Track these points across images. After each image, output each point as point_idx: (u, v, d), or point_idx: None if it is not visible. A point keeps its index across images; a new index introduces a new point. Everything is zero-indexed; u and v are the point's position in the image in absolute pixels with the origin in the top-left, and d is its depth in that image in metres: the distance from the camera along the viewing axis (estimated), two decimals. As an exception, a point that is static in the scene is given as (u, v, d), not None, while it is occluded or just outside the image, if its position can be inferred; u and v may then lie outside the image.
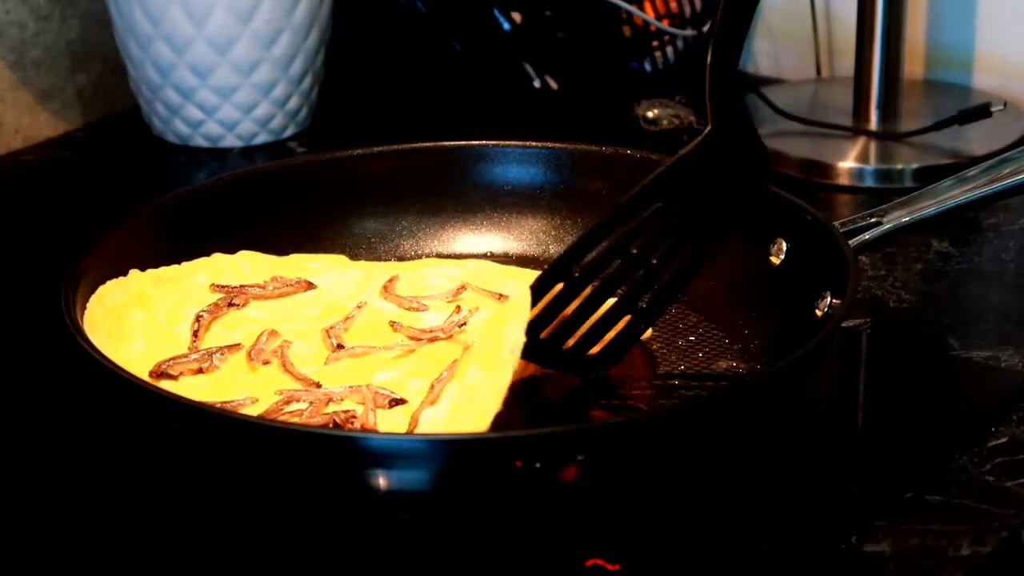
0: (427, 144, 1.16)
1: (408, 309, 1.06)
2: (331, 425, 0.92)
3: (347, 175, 1.15)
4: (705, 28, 1.48)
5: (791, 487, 0.93)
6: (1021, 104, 1.39)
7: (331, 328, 1.03)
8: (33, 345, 1.09)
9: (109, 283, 1.02)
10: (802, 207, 1.04)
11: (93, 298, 1.00)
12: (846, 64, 1.45)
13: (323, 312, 1.06)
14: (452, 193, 1.15)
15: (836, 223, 1.02)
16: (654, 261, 0.97)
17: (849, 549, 0.87)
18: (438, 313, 1.05)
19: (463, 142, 1.16)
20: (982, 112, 1.31)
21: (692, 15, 1.48)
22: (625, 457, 0.87)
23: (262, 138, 1.42)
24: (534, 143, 1.15)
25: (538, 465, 0.85)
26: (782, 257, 1.04)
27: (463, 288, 1.07)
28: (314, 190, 1.14)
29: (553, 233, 1.14)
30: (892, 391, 1.07)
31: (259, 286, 1.07)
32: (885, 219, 1.02)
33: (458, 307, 1.05)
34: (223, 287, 1.06)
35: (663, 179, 0.96)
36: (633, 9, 1.45)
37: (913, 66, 1.46)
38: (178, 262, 1.07)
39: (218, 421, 0.87)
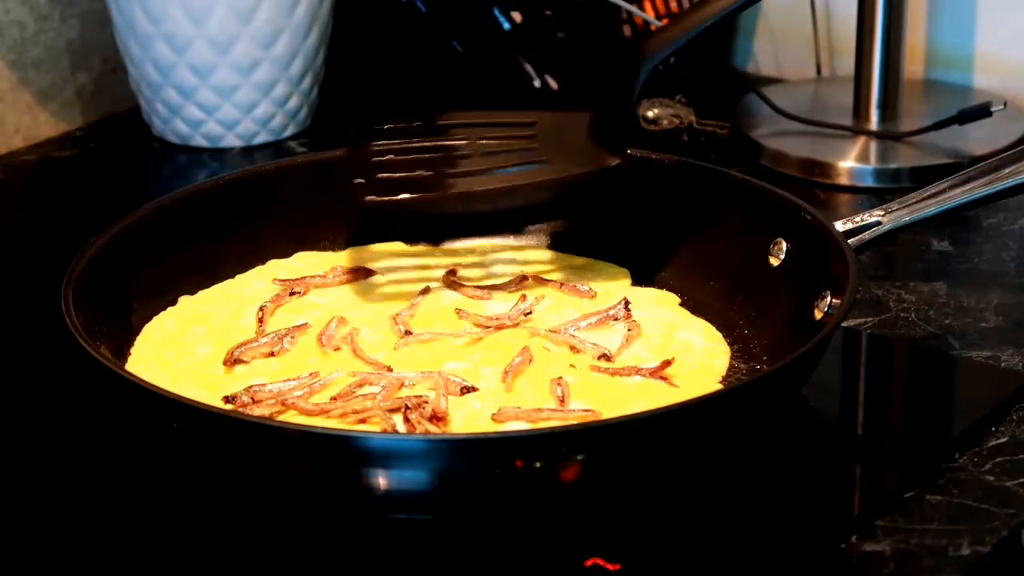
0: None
1: (472, 297, 1.06)
2: (403, 409, 0.93)
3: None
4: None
5: (791, 487, 0.93)
6: (1021, 104, 1.39)
7: (398, 315, 1.04)
8: (33, 345, 1.09)
9: (155, 319, 1.04)
10: (802, 207, 1.04)
11: (139, 338, 1.02)
12: (846, 64, 1.45)
13: (387, 303, 1.06)
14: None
15: (836, 223, 1.02)
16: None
17: (849, 549, 0.87)
18: (502, 301, 1.06)
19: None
20: (982, 112, 1.31)
21: (692, 15, 1.48)
22: (625, 457, 0.87)
23: (262, 138, 1.42)
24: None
25: (538, 465, 0.85)
26: (782, 257, 1.04)
27: (525, 278, 1.09)
28: (314, 190, 1.14)
29: (554, 232, 1.14)
30: (892, 391, 1.07)
31: (320, 276, 1.09)
32: (885, 219, 1.02)
33: (523, 296, 1.05)
34: (284, 280, 1.08)
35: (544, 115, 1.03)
36: (633, 9, 1.45)
37: (913, 66, 1.46)
38: (178, 262, 1.08)
39: (218, 421, 0.87)
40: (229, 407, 0.94)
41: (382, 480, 0.85)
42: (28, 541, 0.90)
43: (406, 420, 0.92)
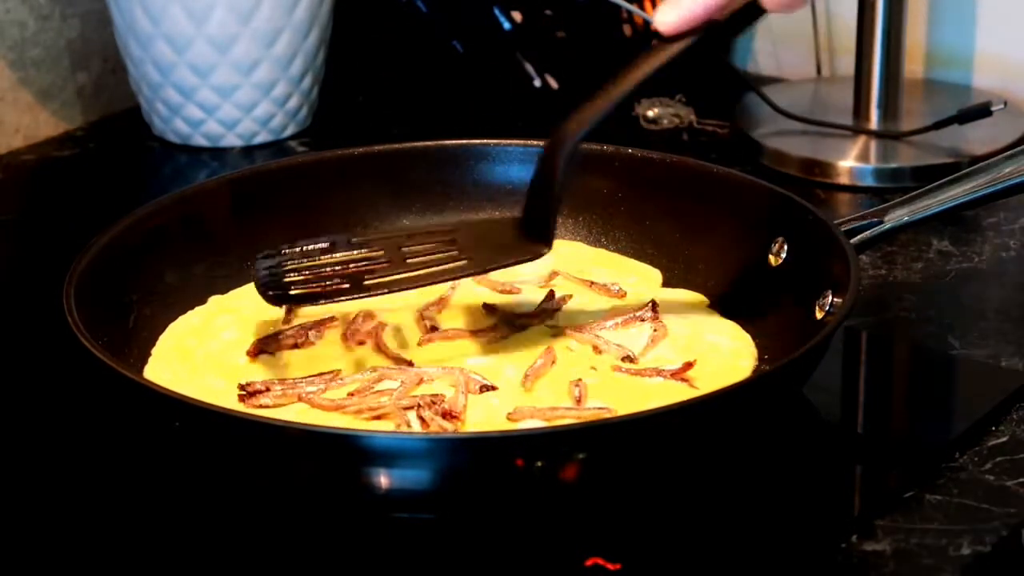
0: (428, 143, 1.16)
1: (501, 292, 1.06)
2: (416, 407, 0.93)
3: (348, 174, 1.15)
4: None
5: (791, 487, 0.93)
6: (1021, 104, 1.39)
7: (425, 310, 1.04)
8: (35, 345, 1.09)
9: (180, 319, 1.05)
10: (803, 206, 1.04)
11: (162, 337, 1.03)
12: (846, 63, 1.45)
13: (416, 294, 1.06)
14: (453, 192, 1.15)
15: (836, 222, 1.02)
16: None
17: (849, 549, 0.87)
18: (531, 298, 1.06)
19: (464, 141, 1.16)
20: (982, 111, 1.31)
21: (692, 15, 1.48)
22: (625, 456, 0.87)
23: (262, 137, 1.42)
24: (535, 142, 1.15)
25: (539, 464, 0.85)
26: (783, 256, 1.04)
27: (555, 274, 1.09)
28: (315, 189, 1.14)
29: (555, 232, 1.14)
30: (892, 391, 1.07)
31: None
32: (885, 218, 1.02)
33: (551, 293, 1.05)
34: None
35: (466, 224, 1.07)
36: (633, 8, 1.45)
37: (913, 65, 1.46)
38: (178, 262, 1.08)
39: (219, 420, 0.87)
40: (237, 407, 0.94)
41: (384, 479, 0.85)
42: (28, 541, 0.90)
43: (420, 418, 0.92)
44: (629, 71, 0.97)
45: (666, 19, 0.95)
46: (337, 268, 1.00)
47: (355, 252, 1.01)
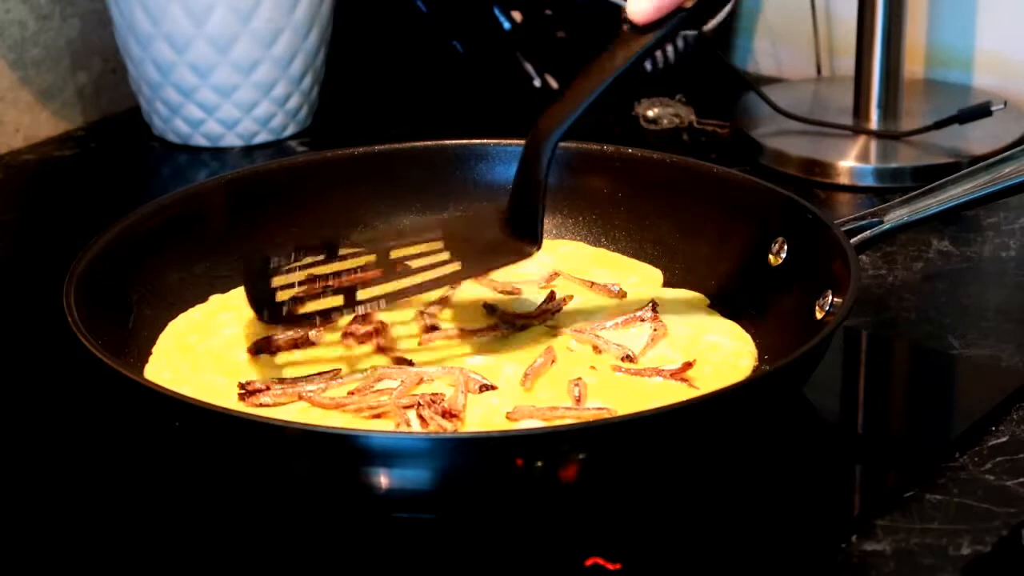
0: (428, 143, 1.16)
1: (502, 292, 1.07)
2: (416, 406, 0.93)
3: (348, 174, 1.15)
4: (706, 27, 1.48)
5: (791, 487, 0.93)
6: (1021, 103, 1.39)
7: (426, 309, 1.04)
8: (35, 345, 1.09)
9: (181, 316, 1.05)
10: (803, 206, 1.04)
11: (163, 334, 1.03)
12: (846, 63, 1.45)
13: None
14: (453, 192, 1.15)
15: (837, 222, 1.02)
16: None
17: (849, 549, 0.87)
18: (531, 298, 1.06)
19: (464, 140, 1.16)
20: (982, 111, 1.31)
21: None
22: (625, 456, 0.87)
23: (262, 137, 1.42)
24: (535, 142, 1.15)
25: (539, 464, 0.85)
26: (783, 256, 1.04)
27: (556, 274, 1.09)
28: (315, 189, 1.14)
29: (555, 232, 1.14)
30: (892, 391, 1.07)
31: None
32: (885, 218, 1.02)
33: (552, 294, 1.05)
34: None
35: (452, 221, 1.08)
36: (633, 8, 1.45)
37: (913, 65, 1.46)
38: (178, 262, 1.08)
39: (219, 420, 0.87)
40: (237, 405, 0.94)
41: (384, 479, 0.85)
42: (28, 541, 0.90)
43: (419, 416, 0.92)
44: (604, 63, 0.97)
45: (639, 8, 0.95)
46: (329, 282, 1.00)
47: (345, 263, 1.01)
